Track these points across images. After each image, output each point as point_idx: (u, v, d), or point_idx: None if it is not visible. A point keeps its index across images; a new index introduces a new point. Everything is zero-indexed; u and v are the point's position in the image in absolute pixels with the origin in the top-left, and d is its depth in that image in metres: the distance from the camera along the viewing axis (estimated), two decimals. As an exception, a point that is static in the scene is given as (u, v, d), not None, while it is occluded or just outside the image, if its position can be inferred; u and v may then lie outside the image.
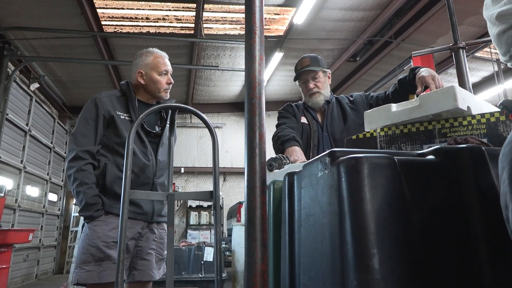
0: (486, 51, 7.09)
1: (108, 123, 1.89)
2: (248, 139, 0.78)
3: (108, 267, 1.71)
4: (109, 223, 1.78)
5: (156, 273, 1.91)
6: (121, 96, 2.00)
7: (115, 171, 1.84)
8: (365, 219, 0.62)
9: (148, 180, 1.90)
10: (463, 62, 2.22)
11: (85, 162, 1.80)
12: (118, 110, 1.93)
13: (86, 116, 1.88)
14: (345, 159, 0.68)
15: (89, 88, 8.40)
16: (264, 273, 0.71)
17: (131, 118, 1.93)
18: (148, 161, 1.91)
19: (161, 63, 2.02)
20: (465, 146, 0.71)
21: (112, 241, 1.75)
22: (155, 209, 1.92)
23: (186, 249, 5.36)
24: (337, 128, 2.08)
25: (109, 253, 1.73)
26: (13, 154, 6.54)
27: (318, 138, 2.09)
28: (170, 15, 6.07)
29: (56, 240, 8.74)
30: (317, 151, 2.05)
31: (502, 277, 0.63)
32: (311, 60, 2.16)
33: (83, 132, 1.85)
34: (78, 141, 1.83)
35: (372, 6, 5.92)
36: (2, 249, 4.07)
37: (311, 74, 2.14)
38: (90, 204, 1.75)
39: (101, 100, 1.91)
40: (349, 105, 2.16)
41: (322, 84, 2.14)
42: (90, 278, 1.68)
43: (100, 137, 1.88)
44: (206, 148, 10.36)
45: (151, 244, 1.92)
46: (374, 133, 1.15)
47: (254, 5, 0.85)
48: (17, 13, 5.59)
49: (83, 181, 1.76)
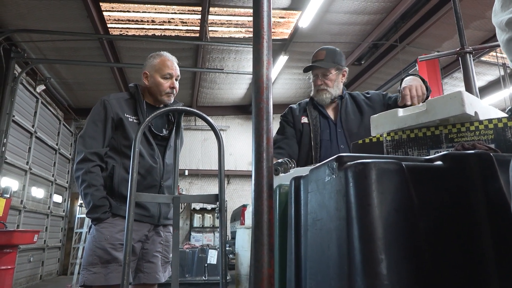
0: (492, 55, 7.07)
1: (117, 125, 1.89)
2: (256, 143, 0.78)
3: (114, 269, 1.71)
4: (116, 225, 1.78)
5: (162, 276, 1.91)
6: (130, 99, 2.00)
7: (122, 173, 1.84)
8: (372, 225, 0.62)
9: (155, 182, 1.90)
10: (470, 67, 2.22)
11: (93, 164, 1.79)
12: (127, 113, 1.93)
13: (95, 118, 1.89)
14: (352, 164, 0.68)
15: (95, 90, 8.46)
16: (271, 277, 0.72)
17: (139, 121, 1.93)
18: (156, 164, 1.91)
19: (166, 66, 2.00)
20: (473, 152, 0.70)
21: (119, 243, 1.75)
22: (162, 212, 1.92)
23: (190, 252, 5.36)
24: (354, 123, 2.00)
25: (116, 255, 1.73)
26: (19, 155, 6.59)
27: (330, 134, 2.01)
28: (176, 18, 6.10)
29: (60, 242, 8.78)
30: (331, 147, 1.98)
31: (509, 285, 0.63)
32: (327, 54, 2.06)
33: (91, 134, 1.86)
34: (86, 143, 1.83)
35: (377, 10, 5.92)
36: (7, 250, 4.09)
37: (322, 70, 2.04)
38: (98, 206, 1.75)
39: (110, 102, 1.91)
40: (365, 102, 2.08)
41: (332, 82, 2.05)
42: (96, 280, 1.68)
43: (109, 139, 1.88)
44: (210, 150, 10.37)
45: (157, 247, 1.92)
46: (380, 137, 1.15)
47: (262, 9, 0.86)
48: (24, 15, 5.64)
49: (91, 183, 1.76)
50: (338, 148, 1.96)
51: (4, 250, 4.05)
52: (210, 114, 9.57)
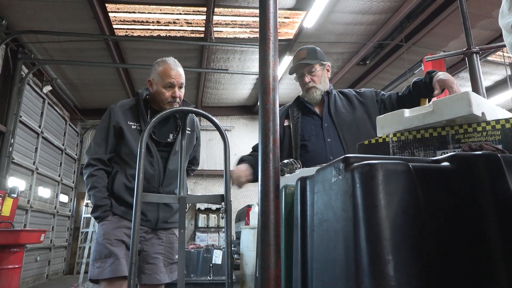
0: (498, 54, 7.01)
1: (118, 133, 1.98)
2: (262, 144, 0.79)
3: (112, 263, 1.80)
4: (113, 222, 1.89)
5: (164, 276, 1.96)
6: (135, 105, 2.05)
7: (122, 178, 1.94)
8: (380, 226, 0.62)
9: (152, 188, 1.95)
10: (476, 67, 2.20)
11: (95, 168, 1.93)
12: (130, 120, 2.00)
13: (101, 126, 2.01)
14: (359, 165, 0.68)
15: (100, 90, 8.51)
16: (278, 278, 0.72)
17: (142, 128, 1.99)
18: (154, 171, 1.96)
19: (167, 76, 1.99)
20: (481, 153, 0.70)
21: (115, 239, 1.86)
22: (160, 217, 1.98)
23: (195, 252, 5.38)
24: (345, 116, 2.01)
25: (112, 250, 1.83)
26: (26, 155, 6.64)
27: (315, 129, 2.02)
28: (181, 18, 6.12)
29: (66, 241, 8.84)
30: (317, 142, 1.98)
31: (518, 286, 0.62)
32: (308, 52, 2.07)
33: (97, 140, 1.99)
34: (91, 150, 1.98)
35: (382, 10, 5.90)
36: (15, 249, 4.13)
37: (307, 67, 2.04)
38: (98, 206, 1.88)
39: (114, 111, 2.00)
40: (356, 97, 2.09)
41: (318, 78, 2.06)
42: (99, 274, 1.78)
43: (112, 145, 1.98)
44: (215, 151, 10.39)
45: (157, 249, 1.98)
46: (386, 138, 1.15)
47: (268, 11, 0.86)
48: (31, 17, 5.69)
49: (93, 185, 1.90)
50: (324, 143, 1.97)
51: (12, 250, 4.09)
52: (214, 114, 9.55)
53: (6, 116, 5.95)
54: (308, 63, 2.03)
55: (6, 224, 4.45)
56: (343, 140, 1.95)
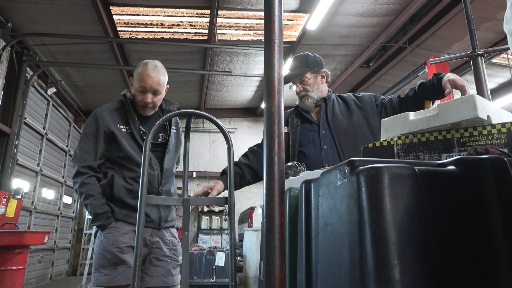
0: (503, 57, 6.98)
1: (110, 138, 1.92)
2: (267, 147, 0.79)
3: (123, 271, 1.78)
4: (119, 229, 1.85)
5: (172, 279, 1.94)
6: (121, 108, 2.00)
7: (121, 182, 1.89)
8: (385, 229, 0.62)
9: (153, 189, 1.93)
10: (481, 69, 2.19)
11: (86, 176, 1.85)
12: (119, 123, 1.95)
13: (87, 132, 1.93)
14: (365, 168, 0.68)
15: (104, 92, 8.55)
16: (283, 281, 0.72)
17: (132, 130, 1.95)
18: (153, 171, 1.94)
19: (141, 79, 1.94)
20: (486, 157, 0.70)
21: (125, 246, 1.82)
22: (162, 216, 1.97)
23: (198, 254, 5.38)
24: (342, 123, 2.02)
25: (123, 258, 1.80)
26: (30, 157, 6.68)
27: (312, 136, 2.03)
28: (185, 21, 6.15)
29: (70, 242, 8.86)
30: (314, 149, 2.00)
31: (525, 291, 0.62)
32: (299, 61, 2.11)
33: (84, 147, 1.91)
34: (79, 157, 1.90)
35: (386, 12, 5.89)
36: (19, 251, 4.14)
37: (298, 77, 2.10)
38: (99, 214, 1.82)
39: (102, 116, 1.93)
40: (354, 102, 2.10)
41: (311, 86, 2.09)
42: (108, 281, 1.76)
43: (102, 151, 1.91)
44: (218, 152, 10.40)
45: (165, 251, 1.96)
46: (391, 141, 1.15)
47: (273, 14, 0.86)
48: (36, 19, 5.73)
49: (88, 194, 1.82)
50: (321, 150, 1.98)
51: (16, 251, 4.10)
52: (218, 117, 9.55)
53: (11, 118, 5.98)
54: (297, 74, 2.08)
55: (10, 225, 4.46)
56: (339, 147, 1.96)
